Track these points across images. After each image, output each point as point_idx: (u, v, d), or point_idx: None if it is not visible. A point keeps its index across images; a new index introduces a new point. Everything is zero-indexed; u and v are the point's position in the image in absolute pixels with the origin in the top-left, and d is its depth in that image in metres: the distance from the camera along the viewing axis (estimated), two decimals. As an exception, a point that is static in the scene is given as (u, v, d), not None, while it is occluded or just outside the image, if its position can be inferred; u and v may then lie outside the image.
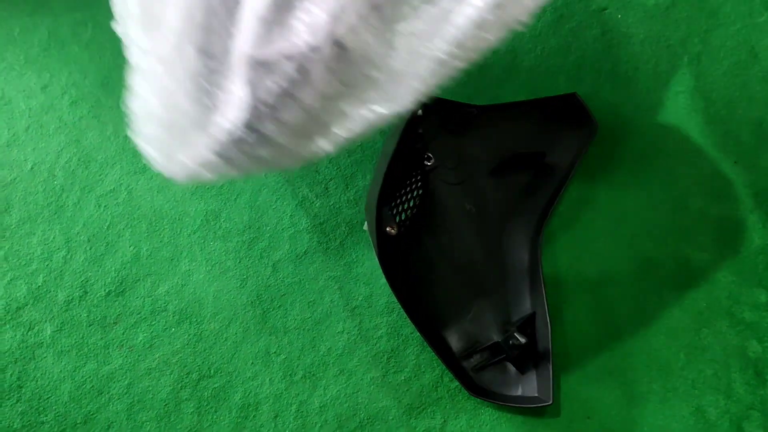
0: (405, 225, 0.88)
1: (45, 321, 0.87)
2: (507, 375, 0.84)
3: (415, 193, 0.89)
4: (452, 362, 0.84)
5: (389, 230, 0.81)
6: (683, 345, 0.86)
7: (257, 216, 0.92)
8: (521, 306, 0.87)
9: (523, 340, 0.81)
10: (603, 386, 0.84)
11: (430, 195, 0.90)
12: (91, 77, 0.98)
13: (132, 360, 0.86)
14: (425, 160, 0.88)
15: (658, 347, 0.85)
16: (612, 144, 0.95)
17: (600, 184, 0.93)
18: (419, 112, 0.79)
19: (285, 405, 0.84)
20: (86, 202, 0.92)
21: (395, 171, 0.81)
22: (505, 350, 0.82)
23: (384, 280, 0.85)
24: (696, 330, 0.86)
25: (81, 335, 0.86)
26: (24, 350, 0.86)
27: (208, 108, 0.58)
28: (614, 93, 0.97)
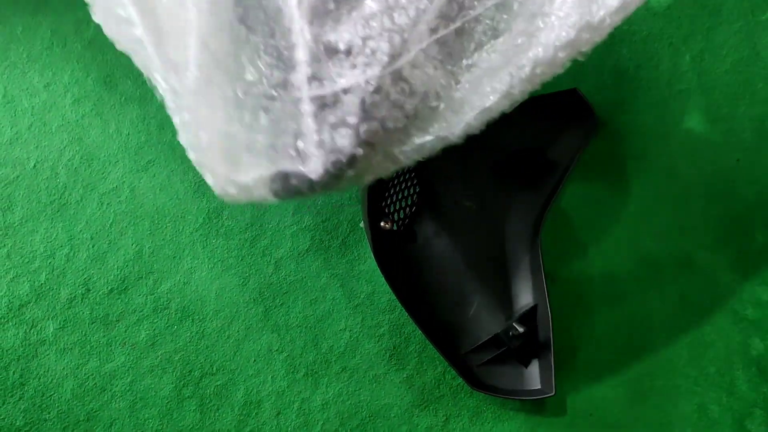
0: (404, 222, 0.87)
1: (47, 319, 0.87)
2: (509, 369, 0.84)
3: (411, 190, 0.89)
4: (454, 359, 0.84)
5: (383, 225, 0.81)
6: (686, 342, 0.86)
7: (259, 214, 0.92)
8: (522, 301, 0.87)
9: (522, 329, 0.81)
10: (605, 384, 0.84)
11: (429, 191, 0.90)
12: (94, 75, 0.98)
13: (134, 358, 0.86)
14: None
15: (661, 344, 0.85)
16: (613, 141, 0.95)
17: (601, 181, 0.93)
18: None
19: (287, 402, 0.84)
20: (89, 200, 0.92)
21: None
22: (506, 341, 0.82)
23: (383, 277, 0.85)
24: (698, 327, 0.86)
25: (83, 333, 0.87)
26: (27, 348, 0.86)
27: (263, 132, 0.58)
28: (616, 91, 0.97)
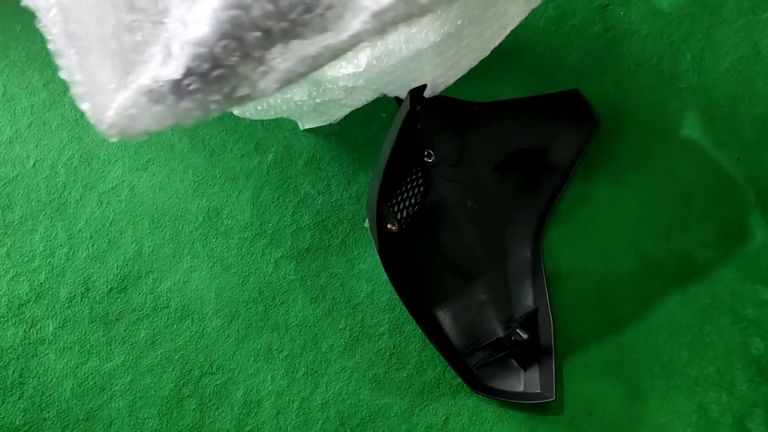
0: (406, 222, 0.87)
1: (47, 318, 0.87)
2: (509, 371, 0.84)
3: (416, 191, 0.89)
4: (454, 359, 0.83)
5: (390, 227, 0.80)
6: (686, 342, 0.85)
7: (259, 213, 0.92)
8: (523, 302, 0.87)
9: (526, 336, 0.80)
10: (605, 383, 0.84)
11: (432, 192, 0.89)
12: (93, 74, 0.98)
13: (134, 357, 0.86)
14: (426, 157, 0.88)
15: (661, 344, 0.85)
16: (614, 141, 0.95)
17: (602, 181, 0.93)
18: (417, 108, 0.78)
19: (287, 402, 0.84)
20: (88, 199, 0.92)
21: (395, 167, 0.80)
22: (508, 346, 0.82)
23: (386, 277, 0.85)
24: (699, 327, 0.86)
25: (83, 332, 0.86)
26: (26, 347, 0.86)
27: (129, 45, 0.55)
28: (617, 90, 0.97)
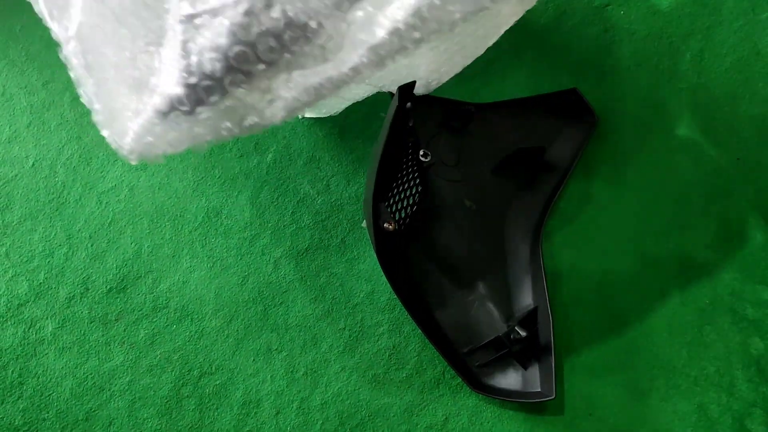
0: (405, 222, 0.87)
1: (46, 318, 0.87)
2: (509, 370, 0.84)
3: (414, 190, 0.88)
4: (454, 358, 0.83)
5: (387, 226, 0.80)
6: (686, 342, 0.85)
7: (258, 213, 0.92)
8: (523, 301, 0.87)
9: (524, 334, 0.80)
10: (605, 383, 0.84)
11: (430, 192, 0.89)
12: (93, 74, 0.98)
13: (133, 357, 0.86)
14: (421, 156, 0.88)
15: (661, 344, 0.85)
16: (613, 140, 0.95)
17: (601, 180, 0.93)
18: (408, 105, 0.77)
19: (286, 402, 0.84)
20: (88, 199, 0.92)
21: (389, 166, 0.80)
22: (507, 344, 0.82)
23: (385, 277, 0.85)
24: (698, 327, 0.86)
25: (82, 332, 0.86)
26: (25, 347, 0.86)
27: (145, 72, 0.56)
28: (617, 90, 0.97)
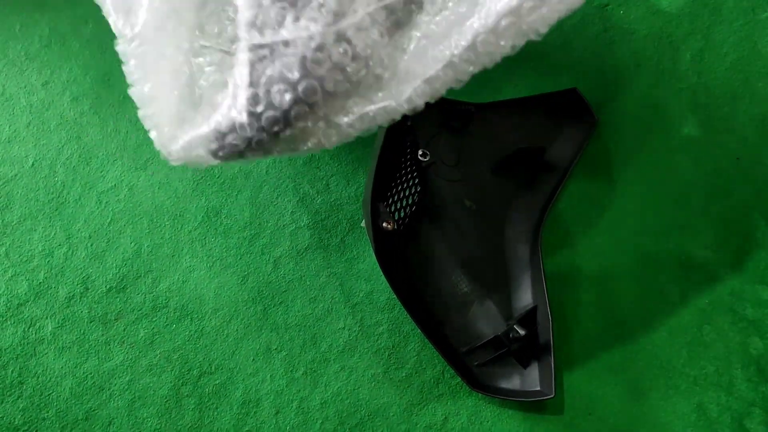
0: (404, 222, 0.87)
1: (46, 317, 0.87)
2: (509, 369, 0.84)
3: (413, 190, 0.88)
4: (453, 358, 0.83)
5: (386, 225, 0.80)
6: (685, 342, 0.85)
7: (258, 212, 0.92)
8: (522, 301, 0.87)
9: (523, 333, 0.80)
10: (605, 383, 0.84)
11: (430, 192, 0.89)
12: (92, 73, 0.98)
13: (133, 356, 0.86)
14: (421, 156, 0.88)
15: (660, 344, 0.85)
16: (613, 140, 0.95)
17: (601, 180, 0.93)
18: None
19: (286, 401, 0.84)
20: (87, 199, 0.92)
21: (387, 165, 0.80)
22: (506, 343, 0.82)
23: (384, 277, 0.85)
24: (698, 327, 0.86)
25: (82, 332, 0.86)
26: (25, 347, 0.86)
27: (207, 88, 0.58)
28: (616, 89, 0.97)
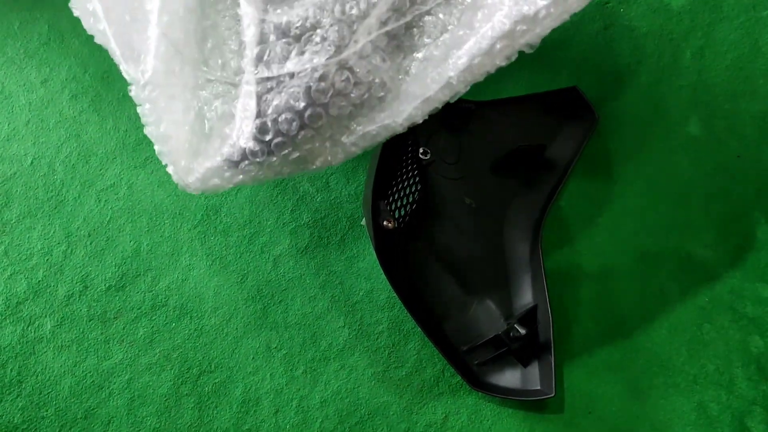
0: (404, 220, 0.87)
1: (45, 316, 0.87)
2: (509, 368, 0.84)
3: (414, 188, 0.88)
4: (454, 357, 0.83)
5: (386, 224, 0.80)
6: (685, 340, 0.85)
7: (258, 211, 0.92)
8: (523, 299, 0.86)
9: (524, 332, 0.80)
10: (605, 381, 0.84)
11: (430, 190, 0.89)
12: (91, 71, 0.97)
13: (132, 355, 0.85)
14: (421, 154, 0.88)
15: (660, 342, 0.85)
16: (614, 138, 0.94)
17: (601, 179, 0.93)
18: None
19: (286, 400, 0.84)
20: (86, 197, 0.92)
21: (388, 164, 0.80)
22: (506, 342, 0.81)
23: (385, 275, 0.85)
24: (698, 325, 0.86)
25: (81, 330, 0.86)
26: (24, 345, 0.86)
27: (215, 120, 0.61)
28: (616, 87, 0.97)
